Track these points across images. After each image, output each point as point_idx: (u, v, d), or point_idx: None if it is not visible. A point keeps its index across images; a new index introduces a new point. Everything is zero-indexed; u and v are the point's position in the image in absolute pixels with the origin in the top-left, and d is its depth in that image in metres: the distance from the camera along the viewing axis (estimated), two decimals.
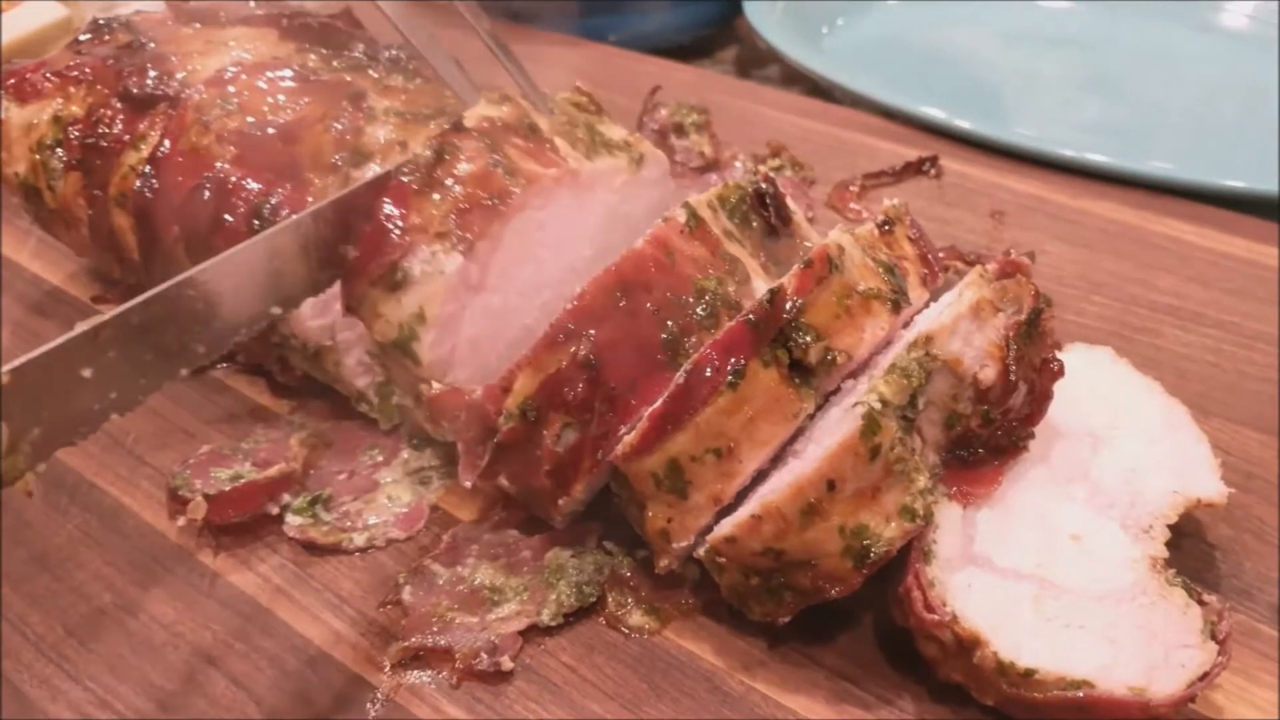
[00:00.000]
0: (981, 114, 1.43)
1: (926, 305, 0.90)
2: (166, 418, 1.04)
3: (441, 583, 0.87)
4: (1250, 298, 1.14)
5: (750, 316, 0.77)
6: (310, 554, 0.91)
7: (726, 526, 0.76)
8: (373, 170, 0.95)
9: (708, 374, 0.76)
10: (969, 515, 0.80)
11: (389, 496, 0.94)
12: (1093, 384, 0.90)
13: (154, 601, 0.87)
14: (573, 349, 0.79)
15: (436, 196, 0.87)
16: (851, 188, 1.29)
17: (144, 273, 1.07)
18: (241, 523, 0.92)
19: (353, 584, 0.88)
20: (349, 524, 0.92)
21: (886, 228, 0.91)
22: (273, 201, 0.94)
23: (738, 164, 1.31)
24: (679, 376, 0.76)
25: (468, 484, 0.87)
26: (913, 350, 0.78)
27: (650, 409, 0.78)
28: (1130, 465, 0.85)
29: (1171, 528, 0.80)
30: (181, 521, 0.90)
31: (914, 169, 1.33)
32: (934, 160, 1.34)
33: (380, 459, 0.98)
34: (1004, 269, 0.90)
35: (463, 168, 0.88)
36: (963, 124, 1.40)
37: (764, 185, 0.93)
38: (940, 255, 0.97)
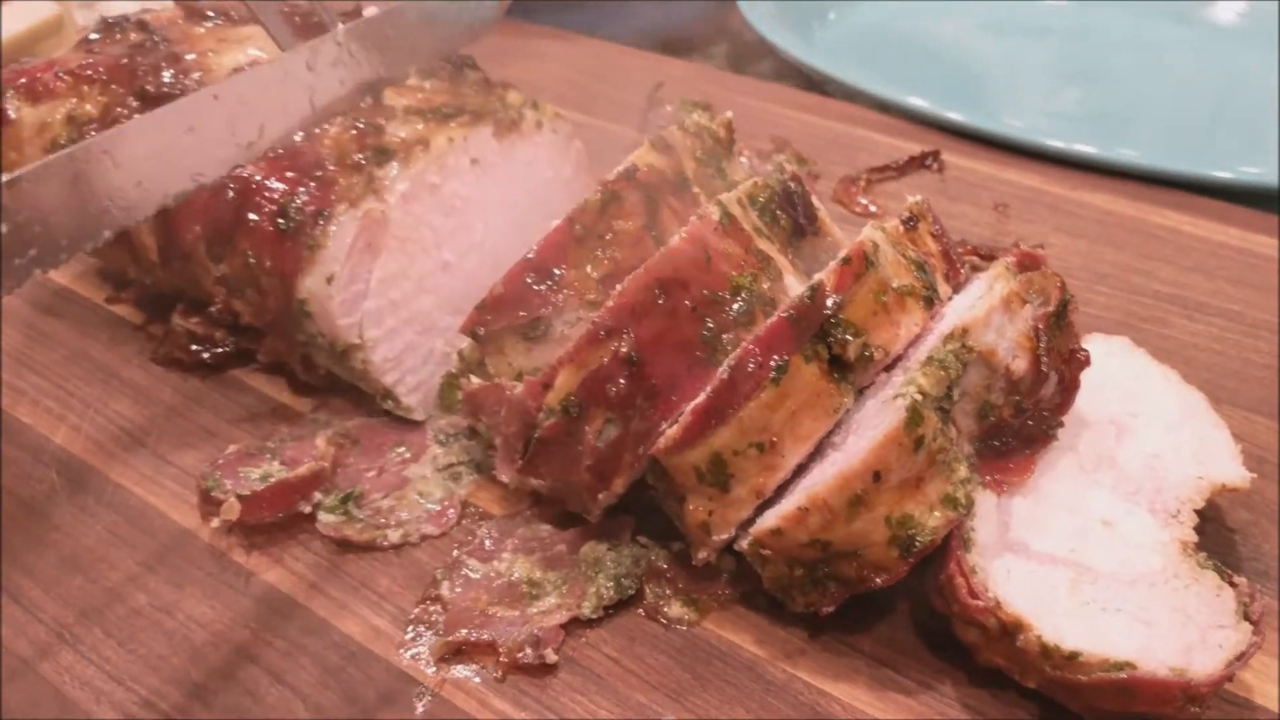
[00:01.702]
0: (978, 107, 1.46)
1: (949, 300, 0.91)
2: (187, 417, 1.04)
3: (479, 577, 0.88)
4: (1249, 286, 1.17)
5: (791, 313, 0.78)
6: (344, 551, 0.91)
7: (771, 519, 0.77)
8: (395, 169, 0.95)
9: (751, 369, 0.77)
10: (1003, 503, 0.82)
11: (419, 493, 0.95)
12: (1112, 373, 0.92)
13: (190, 601, 0.88)
14: (614, 346, 0.80)
15: (598, 254, 0.87)
16: (857, 183, 1.30)
17: (161, 272, 1.07)
18: (274, 522, 0.92)
19: (389, 580, 0.89)
20: (382, 521, 0.92)
21: (911, 224, 0.92)
22: (299, 200, 0.94)
23: (743, 160, 1.32)
24: (722, 372, 0.78)
25: (505, 479, 0.88)
26: (948, 343, 0.79)
27: (692, 404, 0.79)
28: (1153, 451, 0.87)
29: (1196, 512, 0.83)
30: (215, 523, 0.91)
31: (916, 163, 1.35)
32: (935, 154, 1.36)
33: (408, 455, 0.99)
34: (1022, 261, 0.92)
35: (620, 225, 0.88)
36: (960, 118, 1.42)
37: (792, 184, 0.94)
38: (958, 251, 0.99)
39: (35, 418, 1.05)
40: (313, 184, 0.94)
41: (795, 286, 0.89)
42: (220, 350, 1.07)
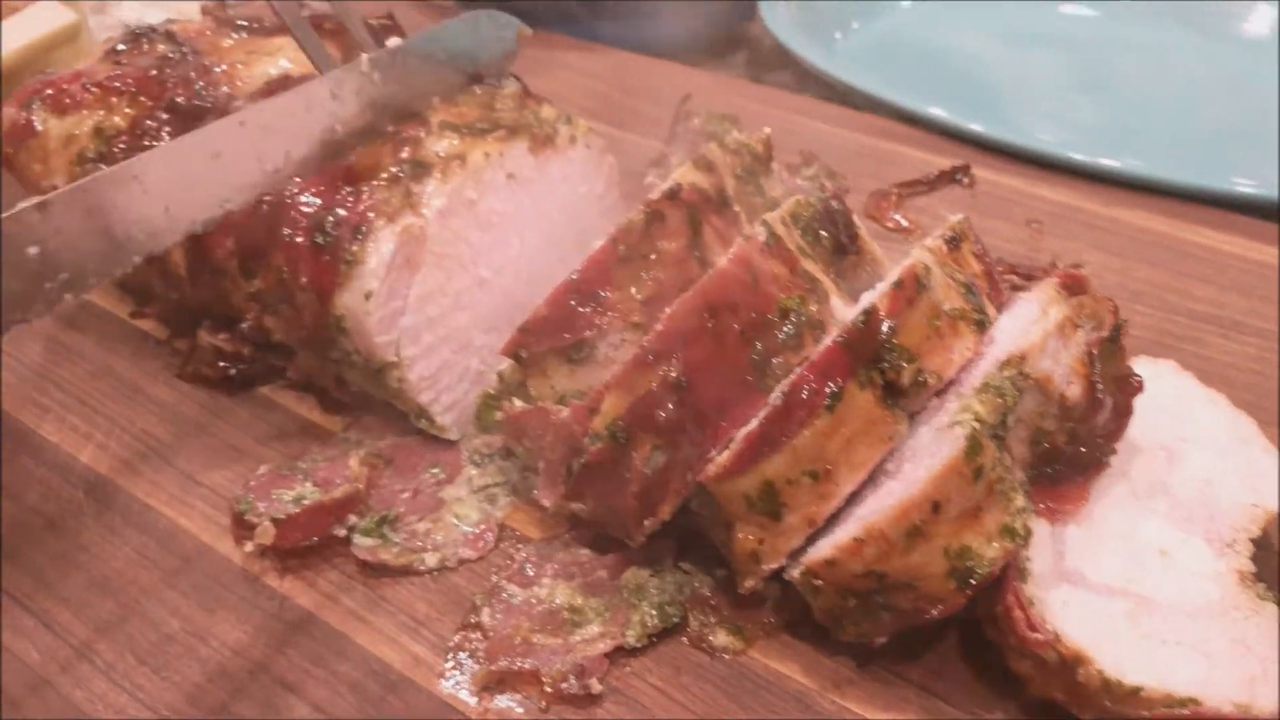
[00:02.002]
0: (1005, 119, 1.44)
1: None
2: (215, 435, 1.03)
3: (519, 603, 0.86)
4: None
5: (845, 338, 0.77)
6: (380, 575, 0.90)
7: (825, 549, 0.76)
8: (433, 184, 0.94)
9: (804, 396, 0.75)
10: (1056, 531, 0.80)
11: (456, 515, 0.93)
12: (1161, 397, 0.91)
13: (224, 626, 0.86)
14: (663, 370, 0.78)
15: (642, 275, 0.86)
16: (888, 197, 1.29)
17: (189, 288, 1.05)
18: (307, 545, 0.91)
19: (427, 606, 0.87)
20: (419, 544, 0.91)
21: (954, 244, 0.91)
22: (336, 215, 0.93)
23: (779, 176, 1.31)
24: (775, 398, 0.76)
25: (547, 504, 0.87)
26: (1004, 369, 0.78)
27: (743, 430, 0.78)
28: (1205, 478, 0.86)
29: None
30: (249, 547, 0.89)
31: (947, 178, 1.33)
32: (966, 169, 1.34)
33: (443, 476, 0.97)
34: (1066, 282, 0.91)
35: (664, 245, 0.87)
36: (988, 131, 1.40)
37: (833, 202, 0.93)
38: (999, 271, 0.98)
39: (61, 435, 1.03)
40: (349, 199, 0.93)
41: (841, 308, 0.88)
42: (248, 367, 1.06)
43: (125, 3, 2.08)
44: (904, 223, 1.26)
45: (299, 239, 0.93)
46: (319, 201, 0.94)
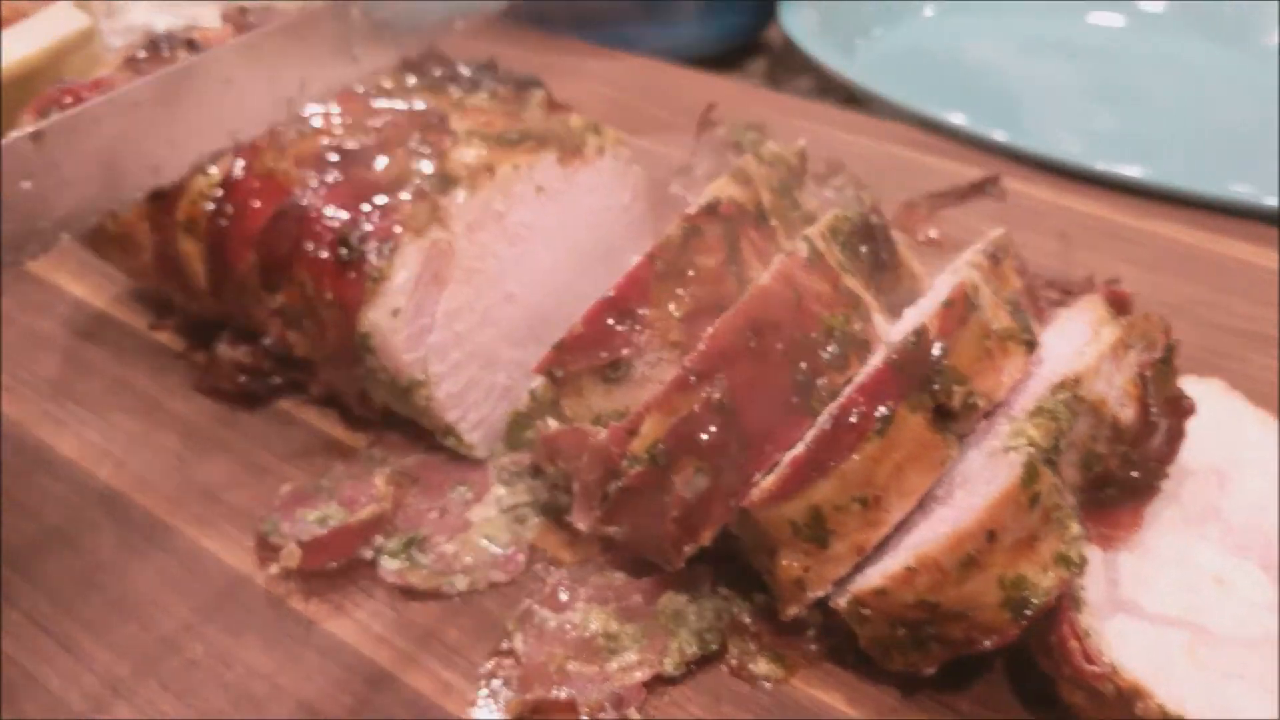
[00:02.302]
0: (1030, 129, 1.42)
1: None
2: (235, 452, 1.01)
3: (552, 629, 0.84)
4: None
5: (895, 360, 0.74)
6: (407, 599, 0.87)
7: (875, 578, 0.73)
8: (460, 197, 0.92)
9: (853, 420, 0.73)
10: (1109, 559, 0.78)
11: (485, 536, 0.91)
12: (1210, 418, 0.89)
13: (248, 651, 0.84)
14: (705, 391, 0.76)
15: (680, 292, 0.83)
16: (919, 209, 1.27)
17: (210, 301, 1.03)
18: (334, 567, 0.88)
19: (458, 631, 0.85)
20: (447, 566, 0.89)
21: (995, 259, 0.89)
22: (362, 229, 0.90)
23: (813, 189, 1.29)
24: (824, 422, 0.74)
25: (582, 527, 0.84)
26: (1058, 392, 0.76)
27: (790, 454, 0.75)
28: (1258, 502, 0.83)
29: None
30: (274, 570, 0.87)
31: (977, 189, 1.31)
32: (996, 180, 1.32)
33: (470, 496, 0.95)
34: (1109, 300, 0.89)
35: (702, 261, 0.84)
36: (1016, 141, 1.38)
37: (872, 216, 0.91)
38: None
39: (78, 451, 1.01)
40: (375, 212, 0.90)
41: (884, 326, 0.85)
42: (268, 381, 1.03)
43: (135, 4, 2.07)
44: (933, 235, 1.24)
45: (323, 253, 0.91)
46: (344, 215, 0.91)
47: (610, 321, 0.82)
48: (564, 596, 0.86)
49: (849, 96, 1.63)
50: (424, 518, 0.92)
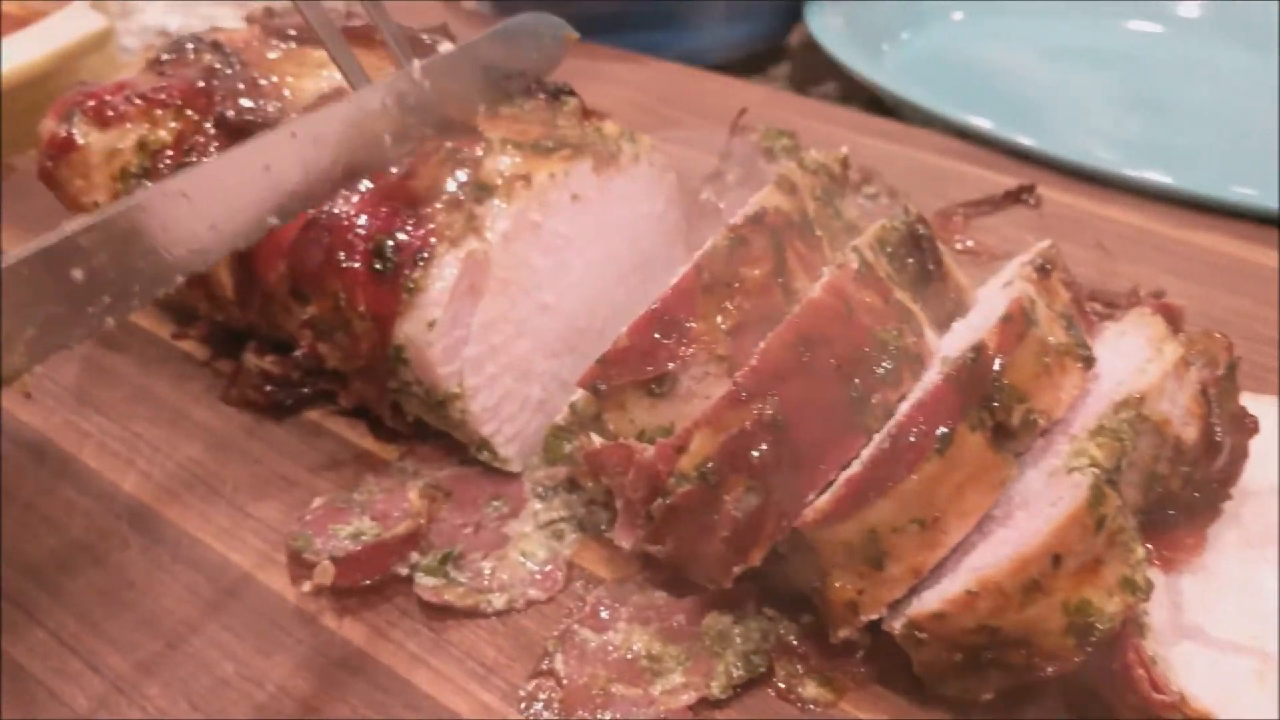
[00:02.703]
0: (1062, 137, 1.40)
1: None
2: (263, 464, 0.98)
3: (593, 649, 0.82)
4: None
5: (954, 377, 0.72)
6: (444, 617, 0.85)
7: (933, 601, 0.71)
8: (496, 206, 0.89)
9: (912, 439, 0.71)
10: (1171, 582, 0.76)
11: (522, 553, 0.89)
12: (1269, 436, 0.87)
13: (280, 670, 0.81)
14: (756, 408, 0.74)
15: (726, 304, 0.81)
16: (955, 218, 1.24)
17: (237, 311, 1.01)
18: (368, 584, 0.86)
19: (496, 651, 0.83)
20: (484, 584, 0.86)
21: (1044, 272, 0.87)
22: (396, 239, 0.88)
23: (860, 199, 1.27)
24: (881, 441, 0.72)
25: (625, 545, 0.82)
26: (1121, 411, 0.74)
27: (845, 474, 0.73)
28: None
29: None
30: (307, 587, 0.84)
31: (1013, 198, 1.29)
32: (1031, 189, 1.30)
33: (505, 510, 0.92)
34: (1160, 313, 0.87)
35: (748, 272, 0.82)
36: (1048, 148, 1.36)
37: (919, 226, 0.89)
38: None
39: (102, 462, 0.98)
40: (409, 222, 0.88)
41: (935, 341, 0.83)
42: (296, 391, 1.01)
43: (149, 5, 2.05)
44: (970, 244, 1.22)
45: (356, 264, 0.88)
46: (378, 225, 0.89)
47: (656, 334, 0.80)
48: (604, 615, 0.84)
49: (873, 101, 1.61)
50: (459, 533, 0.90)
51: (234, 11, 2.06)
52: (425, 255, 0.87)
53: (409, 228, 0.89)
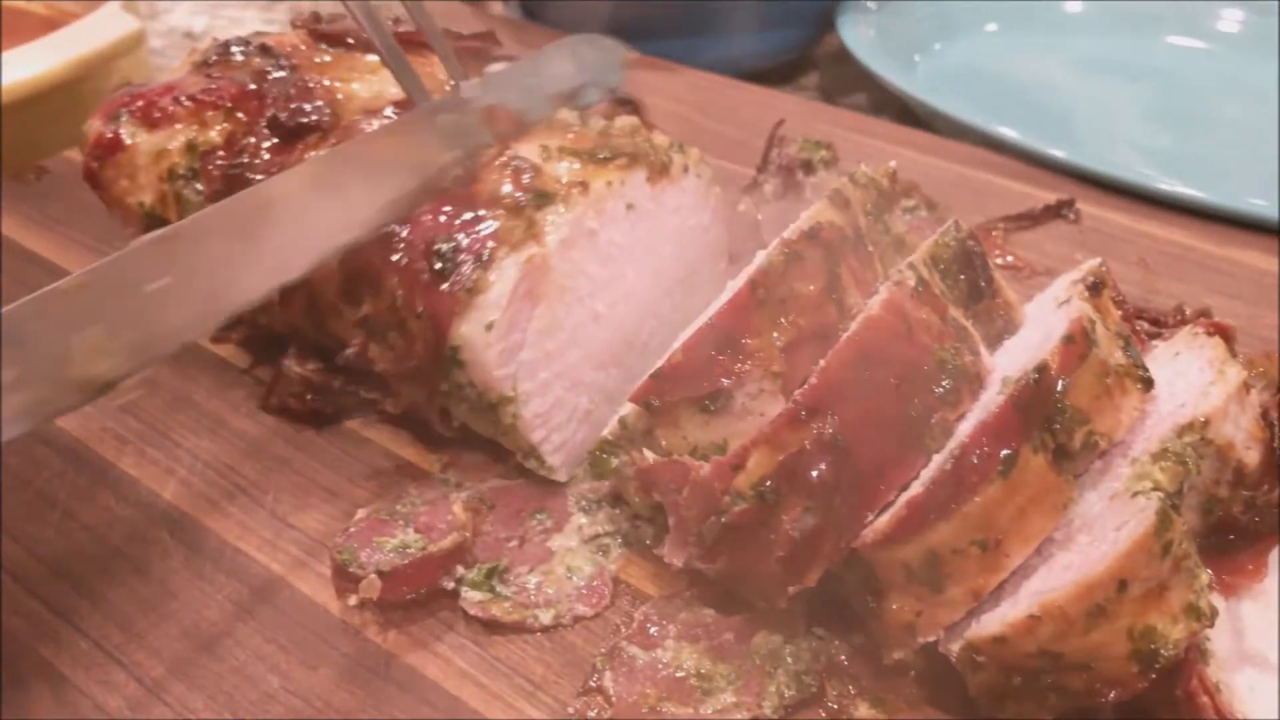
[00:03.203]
0: (1099, 152, 1.39)
1: None
2: (304, 474, 0.98)
3: (642, 666, 0.81)
4: None
5: (1016, 398, 0.71)
6: (490, 631, 0.84)
7: (994, 624, 0.70)
8: (555, 213, 0.89)
9: (975, 460, 0.70)
10: (1232, 608, 0.75)
11: (568, 567, 0.88)
12: None
13: (326, 685, 0.81)
14: (816, 427, 0.73)
15: (781, 320, 0.81)
16: (994, 233, 1.24)
17: (280, 312, 1.00)
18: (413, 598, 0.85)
19: (544, 667, 0.82)
20: (531, 599, 0.86)
21: (1096, 290, 0.86)
22: (458, 240, 0.88)
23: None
24: (944, 462, 0.71)
25: (676, 563, 0.81)
26: (1185, 434, 0.73)
27: (906, 495, 0.72)
28: None
29: None
30: (353, 601, 0.83)
31: (1052, 212, 1.28)
32: (1071, 203, 1.29)
33: (550, 524, 0.92)
34: (1211, 333, 0.86)
35: (802, 288, 0.82)
36: (1086, 163, 1.35)
37: (970, 242, 0.88)
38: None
39: (142, 470, 0.98)
40: (470, 225, 0.88)
41: (989, 360, 0.82)
42: (336, 399, 1.01)
43: (176, 6, 2.04)
44: (1010, 259, 1.21)
45: (416, 264, 0.88)
46: (438, 227, 0.89)
47: (711, 351, 0.79)
48: (653, 632, 0.83)
49: (904, 112, 1.61)
50: (503, 547, 0.90)
51: (260, 14, 2.06)
52: (485, 257, 0.87)
53: (469, 230, 0.88)
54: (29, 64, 1.35)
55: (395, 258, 0.88)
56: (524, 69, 0.98)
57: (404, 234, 0.89)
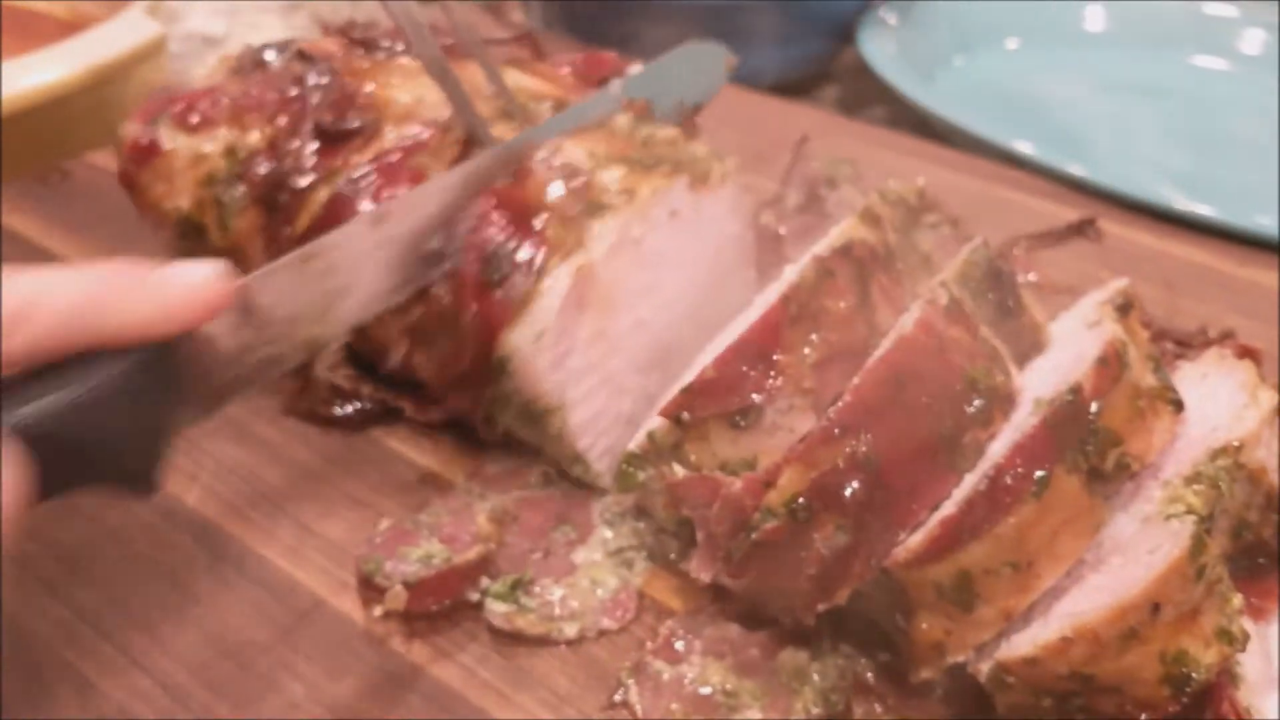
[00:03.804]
0: (1119, 170, 1.39)
1: None
2: (329, 482, 0.97)
3: (667, 681, 0.81)
4: None
5: (1050, 418, 0.71)
6: (514, 644, 0.84)
7: (1025, 646, 0.70)
8: (604, 220, 0.89)
9: (1009, 481, 0.70)
10: (1261, 631, 0.75)
11: (593, 580, 0.88)
12: None
13: (351, 696, 0.81)
14: (849, 445, 0.73)
15: (813, 336, 0.81)
16: (1016, 250, 1.24)
17: None
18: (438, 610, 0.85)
19: (568, 681, 0.82)
20: (556, 612, 0.85)
21: (1124, 311, 0.86)
22: (510, 247, 0.88)
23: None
24: (978, 482, 0.71)
25: (704, 578, 0.81)
26: (1218, 458, 0.73)
27: (939, 514, 0.72)
28: None
29: None
30: (378, 612, 0.83)
31: (1074, 231, 1.28)
32: (1093, 222, 1.29)
33: (574, 536, 0.91)
34: (1239, 356, 0.86)
35: (833, 305, 0.82)
36: (1106, 181, 1.35)
37: (999, 260, 0.88)
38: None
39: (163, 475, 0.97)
40: (522, 231, 0.89)
41: (1018, 380, 0.82)
42: (364, 407, 1.01)
43: (194, 9, 2.04)
44: (1032, 278, 1.21)
45: (467, 271, 0.88)
46: (490, 233, 0.89)
47: (743, 366, 0.80)
48: (679, 647, 0.83)
49: (922, 127, 1.61)
50: (527, 559, 0.89)
51: (280, 20, 2.06)
52: (537, 267, 0.87)
53: (522, 238, 0.89)
54: (53, 66, 1.35)
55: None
56: (653, 74, 1.02)
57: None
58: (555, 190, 0.91)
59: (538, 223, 0.89)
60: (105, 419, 0.66)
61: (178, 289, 0.67)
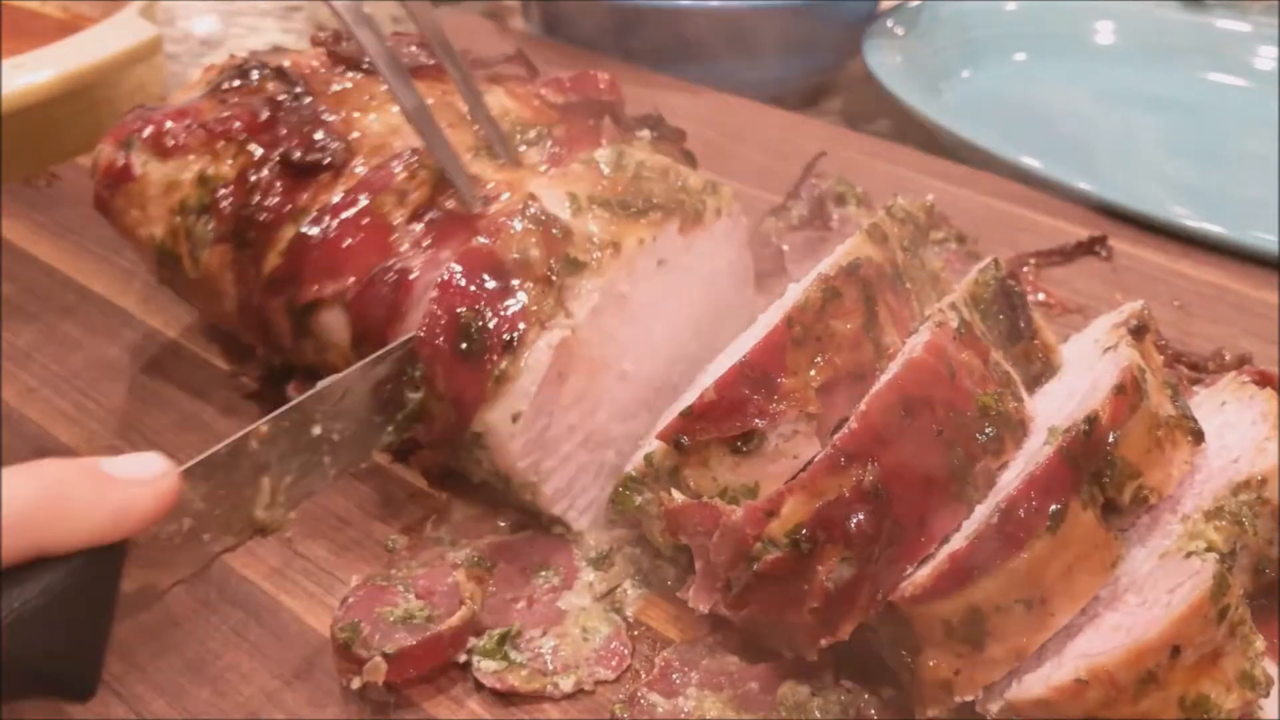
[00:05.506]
0: (1129, 187, 1.36)
1: None
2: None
3: (662, 714, 0.78)
4: None
5: (1066, 449, 0.68)
6: (505, 703, 0.80)
7: (1038, 687, 0.67)
8: (586, 281, 0.85)
9: (1023, 514, 0.67)
10: None
11: (583, 628, 0.83)
12: None
13: None
14: (856, 474, 0.70)
15: (817, 359, 0.78)
16: (1024, 269, 1.21)
17: (294, 357, 0.97)
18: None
19: (560, 714, 0.79)
20: (548, 665, 0.80)
21: (1140, 334, 0.83)
22: (484, 317, 0.83)
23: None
24: (989, 515, 0.68)
25: (702, 609, 0.78)
26: (1240, 492, 0.70)
27: (947, 548, 0.69)
28: None
29: None
30: (356, 684, 0.77)
31: (1085, 249, 1.25)
32: (1103, 240, 1.26)
33: (557, 581, 0.87)
34: (1258, 382, 0.83)
35: (839, 326, 0.79)
36: (1117, 198, 1.32)
37: (1010, 281, 0.85)
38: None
39: None
40: (497, 298, 0.84)
41: (1030, 406, 0.79)
42: None
43: (194, 12, 2.02)
44: (1041, 297, 1.18)
45: (440, 340, 0.84)
46: (462, 294, 0.84)
47: (745, 390, 0.76)
48: (675, 680, 0.80)
49: (928, 141, 1.58)
50: (510, 609, 0.84)
51: (278, 23, 2.04)
52: (514, 341, 0.83)
53: (497, 305, 0.84)
54: (44, 68, 1.33)
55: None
56: None
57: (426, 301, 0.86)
58: (530, 248, 0.86)
59: (513, 286, 0.84)
60: (45, 633, 0.61)
61: (128, 494, 0.64)
